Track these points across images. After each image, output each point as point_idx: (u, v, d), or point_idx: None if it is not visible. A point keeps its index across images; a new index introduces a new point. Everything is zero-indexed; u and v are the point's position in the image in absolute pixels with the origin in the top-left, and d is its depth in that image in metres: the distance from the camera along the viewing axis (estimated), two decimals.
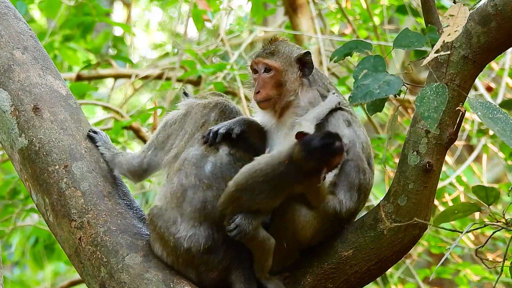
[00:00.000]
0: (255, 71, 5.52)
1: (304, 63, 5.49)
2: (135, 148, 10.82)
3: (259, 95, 5.46)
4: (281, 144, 5.33)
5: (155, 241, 5.38)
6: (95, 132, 5.68)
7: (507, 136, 4.61)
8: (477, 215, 8.92)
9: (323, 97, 5.47)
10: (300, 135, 5.10)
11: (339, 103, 5.43)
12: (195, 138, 5.43)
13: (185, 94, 5.73)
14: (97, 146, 5.64)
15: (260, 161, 5.16)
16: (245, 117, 5.50)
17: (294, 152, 5.09)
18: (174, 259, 5.35)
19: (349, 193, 5.29)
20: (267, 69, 5.47)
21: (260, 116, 5.57)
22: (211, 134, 5.37)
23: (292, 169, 5.08)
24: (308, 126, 5.22)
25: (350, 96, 4.62)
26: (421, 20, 10.06)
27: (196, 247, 5.29)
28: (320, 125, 5.35)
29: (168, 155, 5.47)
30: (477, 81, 9.74)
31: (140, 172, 5.56)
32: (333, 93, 5.47)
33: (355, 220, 5.40)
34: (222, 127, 5.40)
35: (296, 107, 5.45)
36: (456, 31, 4.63)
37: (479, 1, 5.03)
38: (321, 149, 5.06)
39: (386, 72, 4.69)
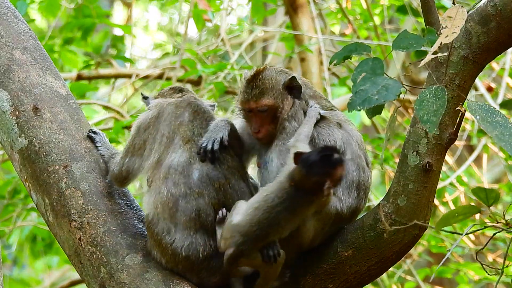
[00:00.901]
0: (248, 111, 5.48)
1: (292, 87, 5.47)
2: None
3: (260, 134, 5.43)
4: (277, 161, 5.34)
5: (152, 247, 5.36)
6: (94, 133, 5.67)
7: (506, 141, 4.58)
8: (477, 215, 8.92)
9: (304, 111, 5.46)
10: (297, 156, 5.08)
11: (319, 114, 5.43)
12: (176, 144, 5.34)
13: (144, 97, 5.65)
14: (96, 147, 5.63)
15: (268, 190, 5.12)
16: (224, 121, 5.43)
17: (295, 173, 5.07)
18: (173, 265, 5.32)
19: (347, 190, 5.30)
20: (262, 108, 5.45)
21: (239, 123, 5.57)
22: (208, 154, 5.30)
23: (298, 190, 5.06)
24: (303, 147, 5.21)
25: (348, 103, 4.59)
26: (421, 20, 10.06)
27: (194, 255, 5.27)
28: (311, 139, 5.36)
29: (148, 161, 5.39)
30: (477, 81, 9.74)
31: (121, 179, 5.50)
32: (311, 106, 5.46)
33: (355, 220, 5.40)
34: (214, 140, 5.33)
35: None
36: (453, 33, 4.62)
37: (479, 1, 5.02)
38: (320, 162, 5.04)
39: (385, 74, 4.67)
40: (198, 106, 5.48)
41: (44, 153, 5.52)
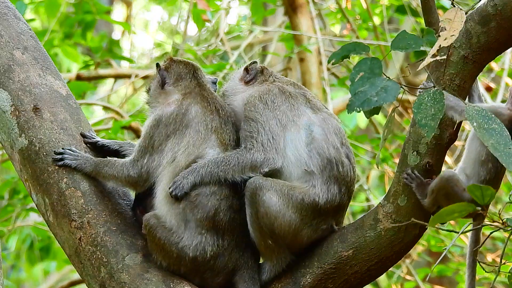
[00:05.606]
0: None
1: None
2: None
3: None
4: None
5: (153, 251, 5.35)
6: (60, 154, 5.49)
7: (501, 151, 4.56)
8: None
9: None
10: None
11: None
12: (213, 141, 5.35)
13: (157, 65, 5.64)
14: (72, 167, 5.47)
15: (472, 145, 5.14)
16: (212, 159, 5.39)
17: None
18: (177, 268, 5.33)
19: (326, 185, 5.28)
20: None
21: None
22: (180, 193, 5.30)
23: None
24: None
25: (348, 104, 4.58)
26: (421, 20, 10.06)
27: (202, 255, 5.27)
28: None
29: (168, 156, 5.39)
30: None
31: (142, 183, 5.42)
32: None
33: (355, 220, 5.40)
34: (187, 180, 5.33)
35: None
36: (452, 35, 4.61)
37: (479, 1, 5.02)
38: None
39: (384, 74, 4.66)
40: (222, 109, 5.50)
41: (45, 153, 5.52)
